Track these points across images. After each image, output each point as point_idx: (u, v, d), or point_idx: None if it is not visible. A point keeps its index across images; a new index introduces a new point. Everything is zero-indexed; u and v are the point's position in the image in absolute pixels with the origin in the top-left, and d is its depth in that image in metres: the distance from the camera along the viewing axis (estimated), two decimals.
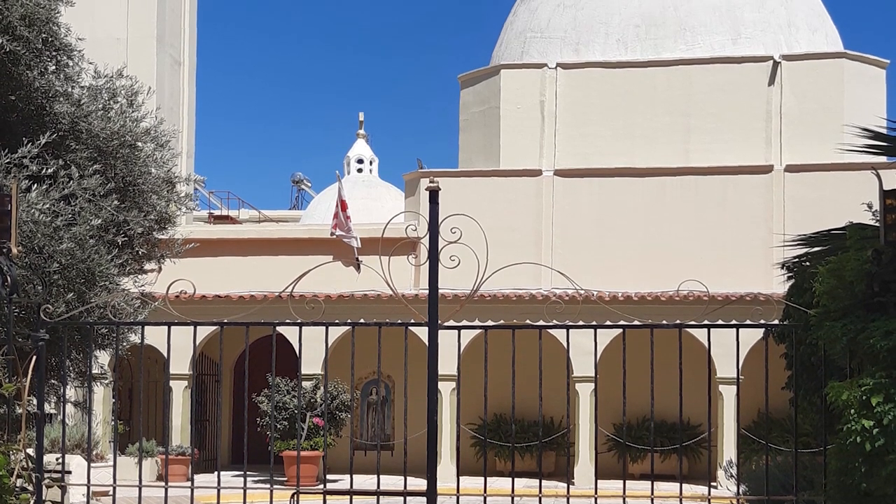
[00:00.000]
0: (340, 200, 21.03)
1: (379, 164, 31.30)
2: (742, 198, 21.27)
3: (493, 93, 23.57)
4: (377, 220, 21.83)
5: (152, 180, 10.48)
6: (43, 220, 8.84)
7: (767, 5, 23.73)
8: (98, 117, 10.21)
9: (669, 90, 22.73)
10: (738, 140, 22.32)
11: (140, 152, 10.52)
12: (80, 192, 9.36)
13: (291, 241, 22.28)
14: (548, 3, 24.58)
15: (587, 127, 22.94)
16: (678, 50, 23.25)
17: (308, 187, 39.60)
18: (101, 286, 9.18)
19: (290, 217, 33.98)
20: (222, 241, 22.39)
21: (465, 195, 20.63)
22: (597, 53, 23.55)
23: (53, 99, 9.91)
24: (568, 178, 21.95)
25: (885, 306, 6.68)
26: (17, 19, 9.29)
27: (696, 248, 21.08)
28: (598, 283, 19.78)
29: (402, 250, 8.94)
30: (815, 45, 23.41)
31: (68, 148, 9.90)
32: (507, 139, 23.19)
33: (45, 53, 9.81)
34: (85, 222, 9.19)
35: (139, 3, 24.25)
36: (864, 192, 10.51)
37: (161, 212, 10.53)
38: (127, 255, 10.16)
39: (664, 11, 23.64)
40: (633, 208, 21.53)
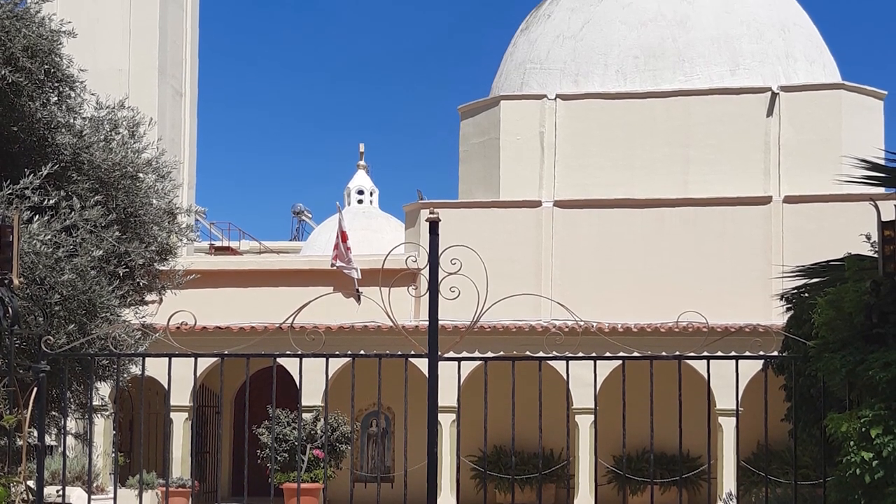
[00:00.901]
0: (341, 231, 21.08)
1: (379, 195, 31.41)
2: (741, 229, 21.31)
3: (493, 124, 23.67)
4: (377, 251, 21.86)
5: (154, 211, 10.52)
6: (44, 251, 8.87)
7: (765, 37, 23.89)
8: (100, 148, 10.25)
9: (668, 121, 22.83)
10: (736, 171, 22.39)
11: (141, 183, 10.56)
12: (81, 224, 9.39)
13: (292, 272, 22.30)
14: (547, 35, 24.74)
15: (586, 158, 23.02)
16: (677, 81, 23.38)
17: (309, 218, 39.67)
18: (102, 317, 9.19)
19: (291, 248, 34.03)
20: (223, 272, 22.42)
21: (465, 226, 20.67)
22: (596, 85, 23.68)
23: (55, 130, 9.96)
24: (567, 209, 22.00)
25: (884, 338, 6.69)
26: (19, 50, 9.34)
27: (695, 278, 21.09)
28: (598, 314, 19.77)
29: (403, 281, 8.96)
30: (813, 77, 23.54)
31: (70, 179, 9.93)
32: (506, 170, 23.26)
33: (47, 85, 9.86)
34: (86, 253, 9.21)
35: (141, 34, 24.40)
36: (862, 222, 10.53)
37: (162, 243, 10.56)
38: (128, 286, 10.18)
39: (663, 43, 23.80)
40: (633, 239, 21.57)
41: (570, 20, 24.64)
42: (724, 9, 24.13)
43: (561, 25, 24.68)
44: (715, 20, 23.94)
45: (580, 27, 24.41)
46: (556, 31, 24.68)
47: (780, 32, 24.07)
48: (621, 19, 24.18)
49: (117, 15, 24.38)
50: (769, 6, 24.49)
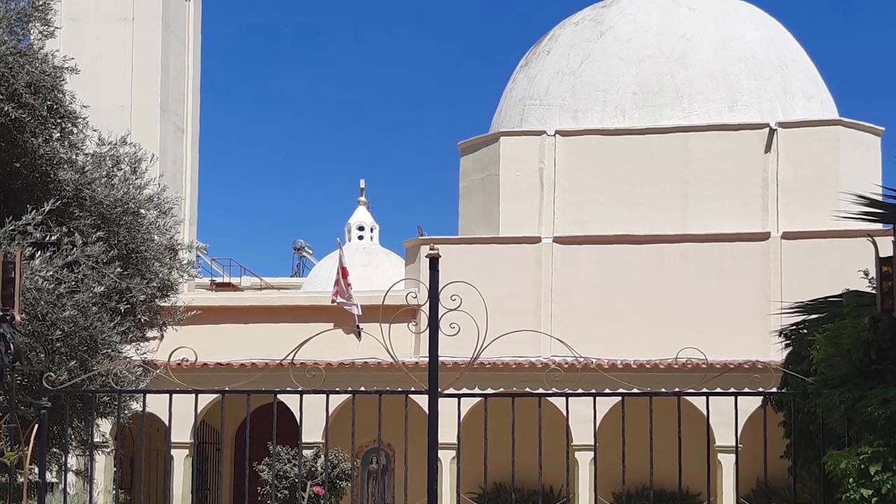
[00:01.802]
0: (341, 267, 21.13)
1: (380, 232, 31.47)
2: (739, 265, 21.36)
3: (493, 160, 23.77)
4: (378, 287, 21.89)
5: (155, 247, 10.58)
6: (46, 287, 8.91)
7: (763, 73, 24.04)
8: (102, 184, 10.31)
9: (667, 157, 22.92)
10: (735, 207, 22.46)
11: (143, 219, 10.63)
12: (83, 260, 9.44)
13: (292, 308, 22.33)
14: (547, 71, 24.89)
15: (586, 194, 23.10)
16: (675, 117, 23.50)
17: (309, 254, 39.73)
18: (103, 354, 9.23)
19: (292, 284, 34.06)
20: (224, 308, 22.44)
21: (465, 262, 20.70)
22: (595, 121, 23.79)
23: (58, 166, 10.02)
24: (567, 245, 22.05)
25: (883, 374, 6.71)
26: (22, 87, 9.42)
27: (694, 315, 21.11)
28: (598, 350, 19.78)
29: (403, 318, 8.98)
30: (810, 113, 23.67)
31: (72, 215, 9.99)
32: (506, 206, 23.33)
33: (49, 121, 9.94)
34: (88, 289, 9.26)
35: (143, 71, 24.57)
36: (860, 258, 10.57)
37: (164, 279, 10.61)
38: (129, 322, 10.22)
39: (661, 79, 23.94)
40: (632, 275, 21.60)
41: (570, 56, 24.80)
42: (723, 45, 24.30)
43: (560, 62, 24.83)
44: (713, 57, 24.09)
45: (579, 63, 24.56)
46: (555, 68, 24.83)
47: (778, 69, 24.22)
48: (620, 55, 24.33)
49: (120, 51, 24.55)
50: (767, 43, 24.65)
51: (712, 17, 24.83)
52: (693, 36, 24.33)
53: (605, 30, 24.84)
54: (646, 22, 24.70)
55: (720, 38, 24.41)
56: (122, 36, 24.59)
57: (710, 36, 24.38)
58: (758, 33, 24.72)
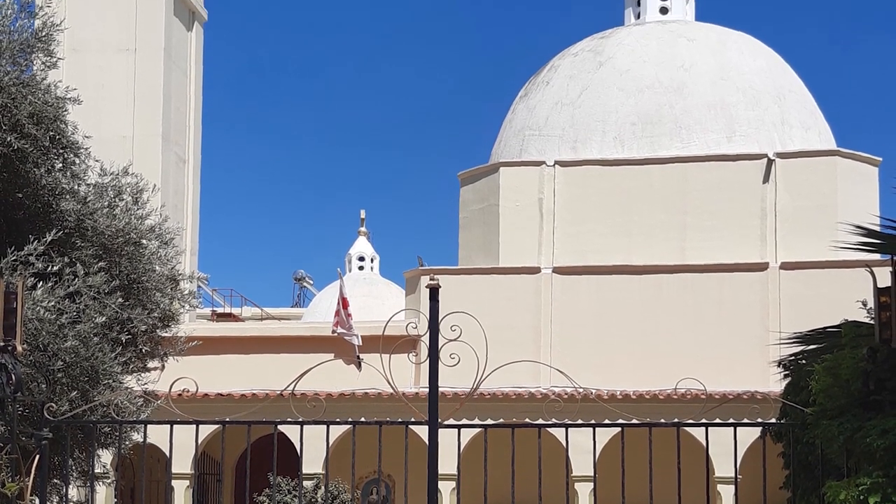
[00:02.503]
0: (342, 298, 21.18)
1: (380, 262, 31.54)
2: (738, 295, 21.38)
3: (493, 190, 23.84)
4: (378, 317, 21.90)
5: (156, 278, 10.60)
6: (48, 317, 8.93)
7: (761, 104, 24.16)
8: (103, 215, 10.35)
9: (666, 187, 22.99)
10: (733, 237, 22.51)
11: (144, 250, 10.66)
12: (84, 290, 9.46)
13: (293, 338, 22.36)
14: (546, 102, 25.02)
15: (585, 224, 23.15)
16: (674, 148, 23.59)
17: (310, 285, 39.76)
18: (104, 384, 9.23)
19: (292, 314, 34.04)
20: (225, 338, 22.46)
21: (464, 292, 20.73)
22: (594, 151, 23.89)
23: (60, 196, 10.05)
24: (566, 275, 22.09)
25: (881, 405, 6.72)
26: (25, 117, 9.46)
27: (693, 345, 21.11)
28: (597, 380, 19.71)
29: (403, 348, 9.00)
30: (808, 143, 23.77)
31: (74, 245, 10.01)
32: (506, 236, 23.38)
33: (52, 151, 9.97)
34: (89, 320, 9.27)
35: (145, 101, 24.68)
36: (858, 289, 10.58)
37: (165, 309, 10.63)
38: (130, 352, 10.23)
39: (660, 110, 24.06)
40: (631, 306, 21.62)
41: (569, 87, 24.93)
42: (721, 76, 24.44)
43: (559, 92, 24.97)
44: (711, 87, 24.23)
45: (578, 94, 24.69)
46: (554, 98, 24.96)
47: (776, 99, 24.35)
48: (619, 86, 24.47)
49: (122, 82, 24.68)
50: (765, 74, 24.79)
51: (710, 48, 25.00)
52: (691, 67, 24.48)
53: (604, 61, 24.99)
54: (644, 53, 24.87)
55: (718, 68, 24.56)
56: (124, 67, 24.72)
57: (708, 67, 24.53)
58: (755, 64, 24.88)
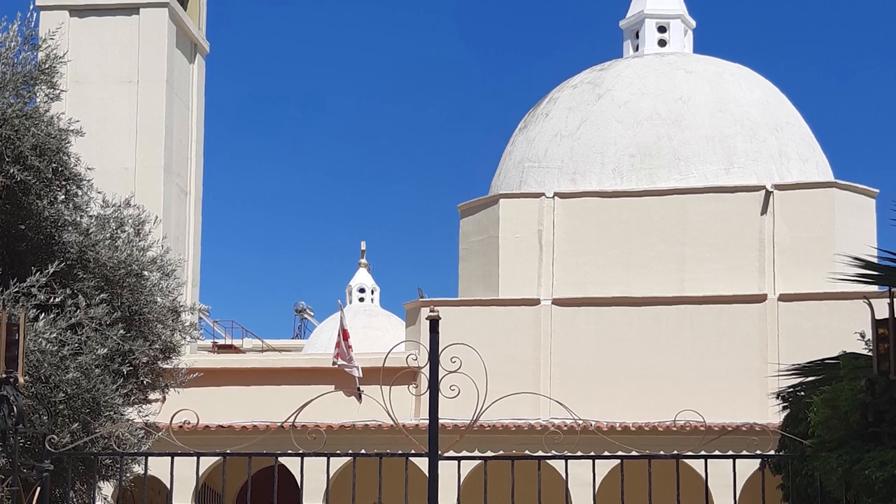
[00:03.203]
0: (342, 330, 21.20)
1: (380, 294, 31.57)
2: (737, 327, 21.40)
3: (493, 222, 23.89)
4: (378, 349, 21.91)
5: (158, 309, 10.65)
6: (50, 349, 8.97)
7: (759, 135, 24.27)
8: (105, 246, 10.41)
9: (664, 219, 23.04)
10: (732, 269, 22.53)
11: (146, 281, 10.71)
12: (86, 322, 9.52)
13: (294, 370, 22.35)
14: (545, 134, 25.13)
15: (584, 256, 23.19)
16: (672, 179, 23.67)
17: (311, 316, 39.78)
18: (105, 416, 9.26)
19: (293, 346, 34.04)
20: (226, 370, 22.45)
21: (464, 324, 20.73)
22: (593, 183, 23.96)
23: (62, 228, 10.12)
24: (566, 307, 22.12)
25: (880, 436, 6.75)
26: (28, 149, 9.52)
27: (692, 377, 21.10)
28: (597, 412, 19.74)
29: (403, 380, 9.05)
30: (806, 175, 23.85)
31: (76, 277, 10.07)
32: (505, 268, 23.41)
33: (54, 183, 10.03)
34: (91, 352, 9.32)
35: (147, 133, 24.76)
36: (856, 320, 10.63)
37: (166, 341, 10.67)
38: (132, 384, 10.27)
39: (658, 141, 24.16)
40: (630, 337, 21.64)
41: (568, 119, 25.05)
42: (718, 108, 24.56)
43: (559, 124, 25.08)
44: (709, 119, 24.34)
45: (577, 126, 24.81)
46: (553, 130, 25.07)
47: (774, 131, 24.46)
48: (617, 118, 24.59)
49: (124, 114, 24.77)
50: (762, 105, 24.93)
51: (708, 80, 25.14)
52: (689, 99, 24.61)
53: (602, 93, 25.13)
54: (643, 85, 25.01)
55: (716, 100, 24.69)
56: (126, 99, 24.83)
57: (706, 99, 24.66)
58: (753, 96, 25.02)
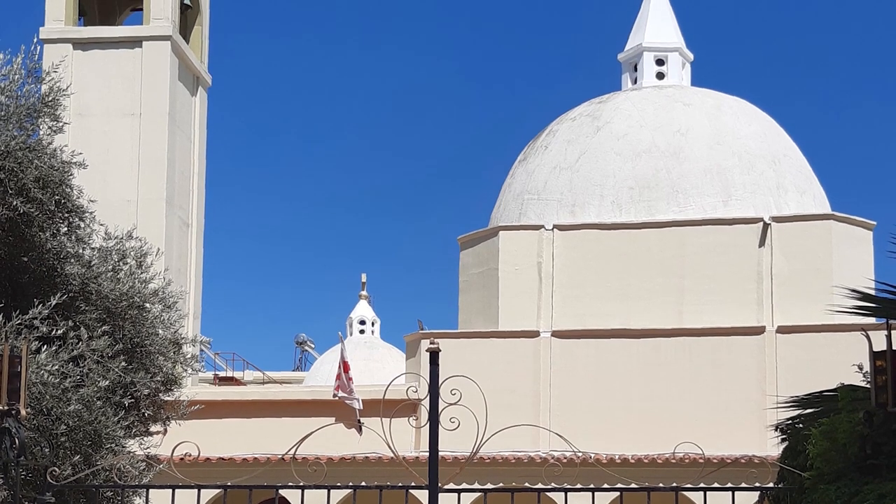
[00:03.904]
0: (343, 362, 21.22)
1: (381, 325, 31.57)
2: (735, 359, 21.43)
3: (492, 254, 23.94)
4: (379, 381, 21.91)
5: (160, 341, 10.69)
6: (52, 381, 9.00)
7: (757, 168, 24.36)
8: (108, 278, 10.46)
9: (663, 251, 23.11)
10: (730, 301, 22.57)
11: (148, 313, 10.76)
12: (88, 354, 9.55)
13: (294, 402, 22.37)
14: (544, 166, 25.23)
15: (583, 288, 23.23)
16: (671, 212, 23.75)
17: (311, 348, 39.79)
18: (107, 448, 9.28)
19: (294, 378, 34.03)
20: (227, 402, 22.46)
21: (464, 356, 20.74)
22: (592, 215, 24.04)
23: (65, 260, 10.17)
24: (565, 339, 22.15)
25: (878, 469, 6.77)
26: (31, 181, 9.57)
27: (691, 409, 21.11)
28: (596, 444, 19.74)
29: (404, 412, 9.07)
30: (803, 207, 23.93)
31: (78, 309, 10.11)
32: (505, 300, 23.45)
33: (57, 215, 10.09)
34: (93, 384, 9.35)
35: (150, 166, 24.87)
36: (854, 352, 10.67)
37: (168, 373, 10.70)
38: (133, 416, 10.28)
39: (657, 174, 24.25)
40: (629, 369, 21.66)
41: (567, 152, 25.16)
42: (717, 140, 24.68)
43: (558, 157, 25.19)
44: (707, 152, 24.45)
45: (576, 158, 24.91)
46: (553, 163, 25.17)
47: (771, 164, 24.57)
48: (616, 151, 24.69)
49: (127, 146, 24.91)
50: (760, 138, 25.05)
51: (706, 112, 25.28)
52: (688, 131, 24.73)
53: (601, 125, 25.26)
54: (641, 117, 25.14)
55: (714, 133, 24.81)
56: (129, 131, 24.98)
57: (704, 131, 24.79)
58: (751, 128, 25.14)
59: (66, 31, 25.50)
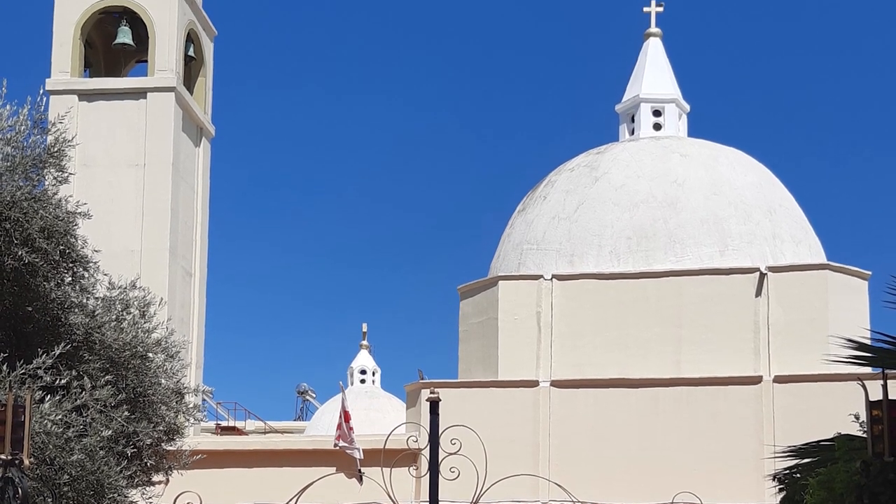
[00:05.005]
0: (344, 411, 21.21)
1: (381, 375, 31.60)
2: (733, 408, 21.44)
3: (492, 304, 23.98)
4: (380, 430, 21.87)
5: (162, 391, 10.74)
6: (55, 431, 9.03)
7: (753, 218, 24.49)
8: (111, 328, 10.52)
9: (660, 301, 23.16)
10: (727, 350, 22.60)
11: (151, 363, 10.81)
12: (91, 403, 9.60)
13: (296, 452, 22.36)
14: (543, 216, 25.36)
15: (582, 337, 23.26)
16: (668, 261, 23.84)
17: (313, 398, 39.78)
18: (109, 498, 9.30)
19: (295, 428, 33.98)
20: (229, 452, 22.44)
21: (464, 406, 20.73)
22: (590, 265, 24.13)
23: (69, 310, 10.22)
24: (564, 388, 22.17)
25: None
26: (36, 231, 9.63)
27: (689, 458, 21.09)
28: (595, 494, 19.69)
29: (404, 461, 9.15)
30: (799, 257, 24.03)
31: (81, 359, 10.16)
32: (505, 350, 23.47)
33: (62, 265, 10.16)
34: (96, 433, 9.38)
35: (153, 216, 24.96)
36: (851, 401, 10.74)
37: (170, 423, 10.74)
38: (136, 466, 10.31)
39: (654, 224, 24.37)
40: (628, 419, 21.67)
41: (566, 202, 25.29)
42: (713, 191, 24.83)
43: (556, 207, 25.32)
44: (704, 202, 24.59)
45: (575, 208, 25.05)
46: (551, 213, 25.30)
47: (767, 214, 24.70)
48: (614, 201, 24.83)
49: (131, 197, 25.01)
50: (756, 188, 25.21)
51: (703, 163, 25.46)
52: (684, 182, 24.89)
53: (599, 175, 25.42)
54: (639, 168, 25.31)
55: (711, 183, 24.97)
56: (133, 181, 25.09)
57: (700, 182, 24.95)
58: (747, 179, 25.31)
59: (72, 82, 25.72)
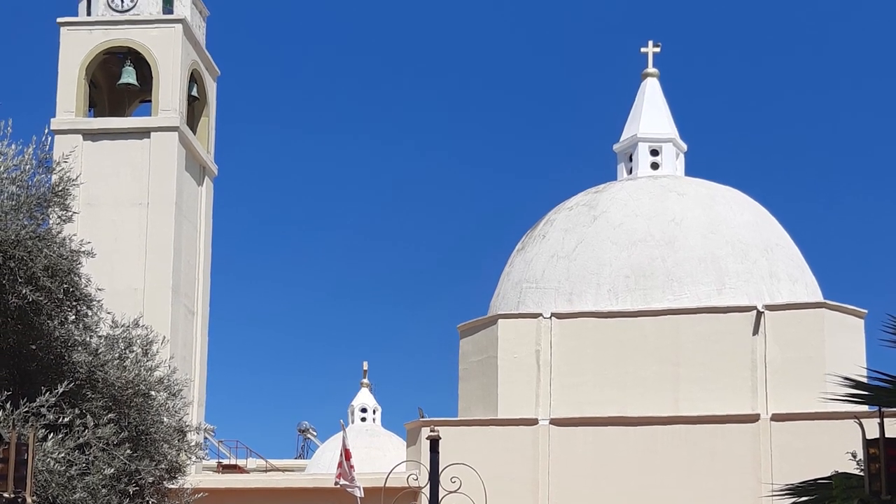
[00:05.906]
0: (344, 449, 21.20)
1: (382, 413, 31.60)
2: (730, 447, 21.47)
3: (491, 342, 24.04)
4: (380, 468, 21.88)
5: (164, 429, 10.80)
6: (58, 469, 9.08)
7: (750, 256, 24.61)
8: (114, 366, 10.58)
9: (658, 339, 23.24)
10: (725, 389, 22.64)
11: (153, 401, 10.88)
12: (94, 441, 9.65)
13: (297, 490, 22.33)
14: (542, 255, 25.47)
15: (580, 376, 23.31)
16: (666, 300, 23.93)
17: (314, 436, 39.74)
18: None
19: (296, 466, 33.95)
20: (230, 490, 22.40)
21: (464, 444, 20.73)
22: (589, 303, 24.21)
23: (72, 348, 10.29)
24: (563, 426, 22.20)
25: None
26: (40, 270, 9.70)
27: (687, 496, 21.09)
28: None
29: (405, 499, 9.20)
30: (796, 295, 24.13)
31: (84, 397, 10.22)
32: (504, 388, 23.50)
33: (65, 303, 10.23)
34: (98, 472, 9.43)
35: (157, 254, 25.05)
36: (848, 439, 10.80)
37: (172, 461, 10.78)
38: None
39: (652, 262, 24.48)
40: (626, 457, 21.69)
41: (564, 241, 25.41)
42: (710, 230, 24.96)
43: (555, 246, 25.44)
44: (702, 241, 24.72)
45: (573, 247, 25.16)
46: (550, 252, 25.41)
47: (764, 252, 24.82)
48: (612, 240, 24.95)
49: (134, 235, 25.11)
50: (753, 227, 25.35)
51: (700, 202, 25.60)
52: (682, 220, 25.03)
53: (597, 214, 25.55)
54: (637, 207, 25.46)
55: (708, 222, 25.10)
56: (137, 220, 25.22)
57: (698, 221, 25.09)
58: (744, 218, 25.45)
59: (77, 121, 25.94)
